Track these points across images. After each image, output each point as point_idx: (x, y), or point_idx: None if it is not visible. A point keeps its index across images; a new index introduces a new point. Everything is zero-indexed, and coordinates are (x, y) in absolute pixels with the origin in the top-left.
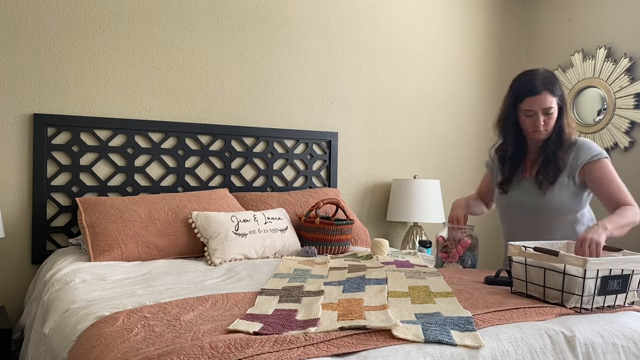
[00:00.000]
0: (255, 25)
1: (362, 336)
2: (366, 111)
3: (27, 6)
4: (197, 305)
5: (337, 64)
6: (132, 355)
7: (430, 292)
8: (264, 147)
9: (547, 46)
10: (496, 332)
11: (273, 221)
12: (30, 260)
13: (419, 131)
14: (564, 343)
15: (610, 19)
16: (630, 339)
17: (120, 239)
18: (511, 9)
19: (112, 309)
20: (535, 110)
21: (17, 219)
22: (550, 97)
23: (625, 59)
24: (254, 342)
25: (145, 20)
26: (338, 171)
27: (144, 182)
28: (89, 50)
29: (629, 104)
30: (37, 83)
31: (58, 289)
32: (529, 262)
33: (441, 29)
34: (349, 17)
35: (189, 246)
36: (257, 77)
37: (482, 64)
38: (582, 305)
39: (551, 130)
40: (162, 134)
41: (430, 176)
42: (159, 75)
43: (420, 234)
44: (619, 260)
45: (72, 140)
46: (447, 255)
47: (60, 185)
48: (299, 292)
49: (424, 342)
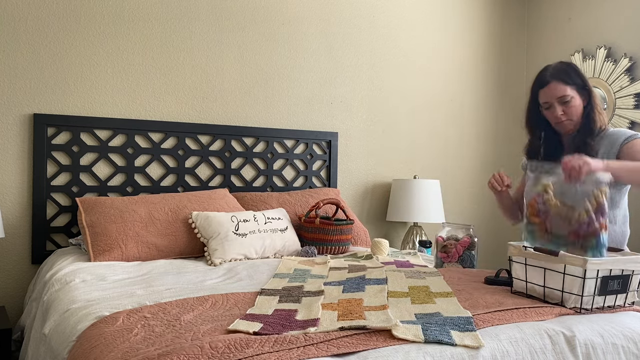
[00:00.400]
0: (255, 25)
1: (362, 336)
2: (366, 111)
3: (27, 6)
4: (197, 305)
5: (337, 64)
6: (132, 355)
7: (430, 292)
8: (264, 147)
9: (547, 46)
10: (496, 332)
11: (273, 221)
12: (30, 260)
13: (419, 131)
14: (564, 343)
15: (610, 19)
16: (630, 339)
17: (120, 239)
18: (511, 9)
19: (112, 309)
20: (550, 101)
21: (17, 219)
22: (561, 85)
23: (625, 59)
24: (254, 342)
25: (145, 20)
26: (338, 171)
27: (144, 182)
28: (89, 50)
29: (629, 104)
30: (37, 83)
31: (58, 289)
32: (529, 262)
33: (441, 29)
34: (349, 17)
35: (189, 246)
36: (257, 77)
37: (482, 64)
38: (582, 305)
39: (578, 119)
40: (162, 134)
41: (430, 176)
42: (159, 75)
43: (420, 234)
44: (619, 260)
45: (72, 140)
46: (447, 255)
47: (60, 185)
48: (299, 292)
49: (424, 342)
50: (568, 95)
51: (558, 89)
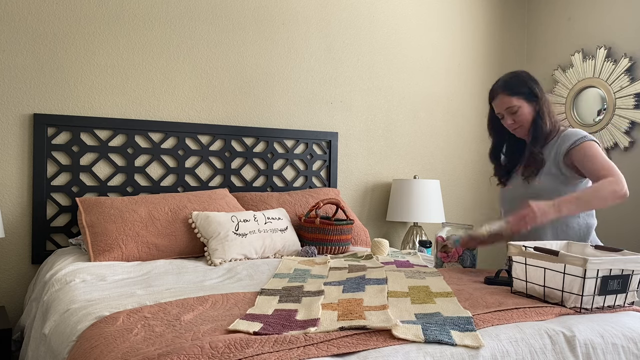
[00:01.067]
0: (255, 25)
1: (362, 336)
2: (366, 111)
3: (27, 6)
4: (197, 305)
5: (337, 64)
6: (132, 355)
7: (430, 292)
8: (264, 147)
9: (547, 46)
10: (496, 332)
11: (273, 221)
12: (30, 260)
13: (419, 131)
14: (564, 343)
15: (610, 19)
16: (630, 339)
17: (120, 239)
18: (511, 9)
19: (112, 309)
20: (500, 112)
21: (17, 219)
22: (507, 97)
23: (625, 59)
24: (254, 342)
25: (145, 20)
26: (338, 171)
27: (144, 182)
28: (89, 50)
29: (629, 104)
30: (37, 83)
31: (58, 289)
32: (529, 262)
33: (441, 28)
34: (349, 17)
35: (189, 246)
36: (257, 77)
37: (482, 64)
38: (582, 305)
39: (529, 125)
40: (162, 134)
41: (430, 176)
42: (159, 75)
43: (420, 234)
44: (619, 260)
45: (72, 140)
46: (447, 255)
47: (60, 185)
48: (299, 292)
49: (424, 342)
50: (515, 105)
51: (504, 100)
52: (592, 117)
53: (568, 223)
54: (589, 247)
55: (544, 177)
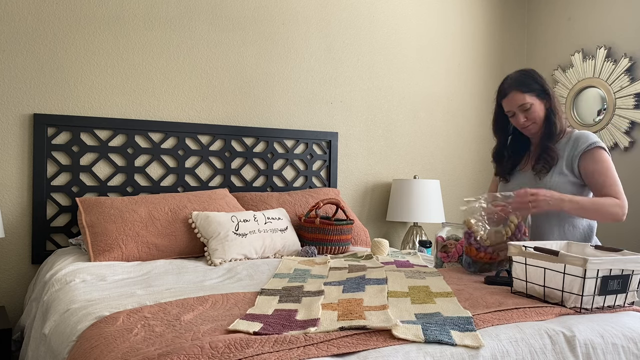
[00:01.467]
0: (255, 25)
1: (362, 336)
2: (366, 111)
3: (27, 6)
4: (197, 305)
5: (337, 64)
6: (132, 355)
7: (430, 292)
8: (264, 147)
9: (547, 46)
10: (496, 332)
11: (273, 221)
12: (30, 260)
13: (419, 131)
14: (564, 343)
15: (610, 19)
16: (630, 339)
17: (120, 239)
18: (511, 9)
19: (112, 309)
20: (512, 110)
21: (17, 219)
22: (520, 94)
23: (625, 59)
24: (254, 342)
25: (145, 20)
26: (338, 171)
27: (144, 182)
28: (89, 50)
29: (629, 104)
30: (37, 83)
31: (58, 289)
32: (529, 262)
33: (441, 28)
34: (349, 17)
35: (189, 246)
36: (257, 77)
37: (482, 64)
38: (582, 305)
39: (541, 122)
40: (162, 134)
41: (430, 176)
42: (159, 75)
43: (420, 234)
44: (619, 260)
45: (72, 140)
46: (447, 255)
47: (60, 185)
48: (299, 292)
49: (424, 342)
50: (527, 102)
51: (517, 98)
52: (592, 117)
53: (575, 224)
54: (588, 247)
55: (556, 175)
